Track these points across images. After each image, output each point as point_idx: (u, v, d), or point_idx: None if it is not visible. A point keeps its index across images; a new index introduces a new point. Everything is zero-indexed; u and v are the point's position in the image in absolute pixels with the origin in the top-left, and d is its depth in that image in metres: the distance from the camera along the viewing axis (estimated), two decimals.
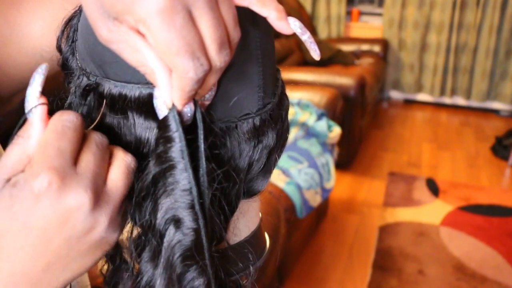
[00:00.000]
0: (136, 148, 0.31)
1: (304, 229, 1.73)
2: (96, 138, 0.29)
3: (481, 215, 2.12)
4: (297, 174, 1.55)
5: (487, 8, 3.38)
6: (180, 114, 0.27)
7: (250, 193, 0.36)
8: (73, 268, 0.28)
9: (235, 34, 0.27)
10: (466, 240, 1.94)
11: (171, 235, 0.27)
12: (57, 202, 0.26)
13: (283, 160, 1.60)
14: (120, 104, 0.31)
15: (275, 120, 0.35)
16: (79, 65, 0.34)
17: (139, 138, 0.31)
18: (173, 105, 0.27)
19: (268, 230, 1.26)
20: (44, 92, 0.30)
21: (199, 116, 0.28)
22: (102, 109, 0.31)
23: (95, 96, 0.32)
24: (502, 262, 1.80)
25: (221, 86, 0.31)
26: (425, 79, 3.75)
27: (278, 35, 3.10)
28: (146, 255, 0.30)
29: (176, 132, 0.27)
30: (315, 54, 0.31)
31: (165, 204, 0.27)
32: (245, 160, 0.33)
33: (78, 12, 0.35)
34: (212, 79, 0.27)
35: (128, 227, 0.35)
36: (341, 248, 1.90)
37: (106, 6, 0.24)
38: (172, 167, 0.27)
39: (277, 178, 1.50)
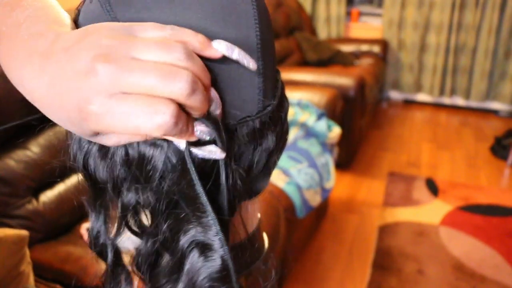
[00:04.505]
0: (139, 164, 0.31)
1: (304, 229, 1.73)
2: None
3: (480, 215, 2.12)
4: (297, 174, 1.55)
5: (486, 9, 3.39)
6: (195, 143, 0.28)
7: (249, 195, 0.37)
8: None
9: (176, 53, 0.26)
10: (466, 239, 1.94)
11: (196, 259, 0.28)
12: None
13: (283, 160, 1.60)
14: None
15: (275, 122, 0.35)
16: None
17: (142, 154, 0.30)
18: (186, 144, 0.28)
19: (268, 230, 1.27)
20: None
21: (217, 136, 0.29)
22: None
23: None
24: (501, 261, 1.81)
25: (220, 91, 0.31)
26: (424, 79, 3.75)
27: (278, 35, 3.07)
28: (163, 269, 0.30)
29: (192, 174, 0.28)
30: (250, 65, 0.31)
31: (189, 229, 0.29)
32: (245, 163, 0.33)
33: (77, 13, 0.35)
34: (197, 99, 0.27)
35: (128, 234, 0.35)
36: (341, 248, 1.91)
37: (84, 130, 0.27)
38: (193, 198, 0.28)
39: (277, 178, 1.50)
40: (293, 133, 1.78)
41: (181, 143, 0.28)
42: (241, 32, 0.30)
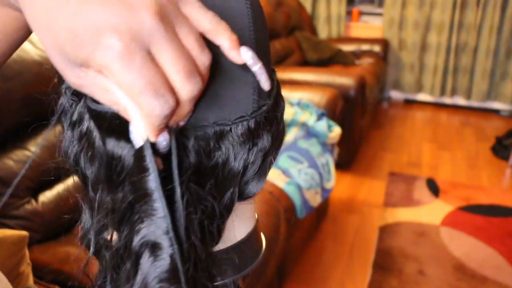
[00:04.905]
0: (108, 164, 0.31)
1: (304, 229, 1.73)
2: None
3: (481, 215, 2.12)
4: (297, 174, 1.55)
5: (487, 8, 3.38)
6: (154, 145, 0.28)
7: (245, 196, 0.36)
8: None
9: (204, 57, 0.27)
10: (466, 240, 1.94)
11: (146, 259, 0.28)
12: None
13: (283, 160, 1.60)
14: (93, 120, 0.31)
15: (270, 122, 0.34)
16: None
17: (111, 154, 0.30)
18: (147, 137, 0.27)
19: (268, 230, 1.26)
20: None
21: (173, 145, 0.28)
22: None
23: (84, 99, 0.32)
24: (502, 262, 1.80)
25: (215, 89, 0.31)
26: (425, 79, 3.75)
27: (278, 34, 3.07)
28: (122, 275, 0.30)
29: (149, 163, 0.27)
30: (265, 84, 0.31)
31: (141, 229, 0.28)
32: (240, 163, 0.33)
33: None
34: (186, 109, 0.27)
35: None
36: (341, 248, 1.90)
37: (70, 56, 0.25)
38: (146, 195, 0.27)
39: (277, 178, 1.50)
40: (293, 133, 1.77)
41: (138, 137, 0.28)
42: (235, 31, 0.29)
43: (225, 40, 0.28)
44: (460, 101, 3.72)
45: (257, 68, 0.30)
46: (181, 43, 0.26)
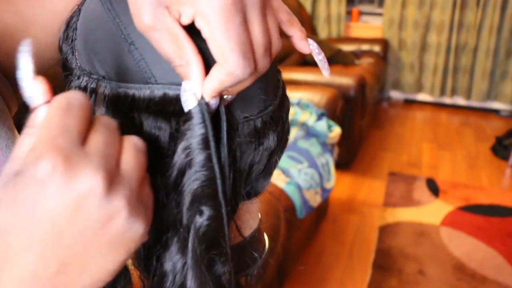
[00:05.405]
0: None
1: (304, 229, 1.73)
2: (104, 120, 0.26)
3: (481, 215, 2.12)
4: (297, 174, 1.55)
5: (487, 8, 3.38)
6: (207, 104, 0.28)
7: (250, 195, 0.36)
8: (92, 271, 0.24)
9: (278, 43, 0.29)
10: (466, 240, 1.94)
11: (197, 225, 0.28)
12: (65, 187, 0.22)
13: (283, 160, 1.60)
14: (127, 105, 0.30)
15: (276, 122, 0.34)
16: (79, 64, 0.33)
17: (146, 138, 0.30)
18: (202, 97, 0.28)
19: (268, 230, 1.26)
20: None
21: (222, 109, 0.29)
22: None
23: (97, 96, 0.32)
24: (502, 262, 1.80)
25: None
26: (425, 79, 3.75)
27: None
28: (174, 248, 0.30)
29: (204, 122, 0.28)
30: (326, 72, 0.34)
31: (190, 195, 0.28)
32: (246, 162, 0.33)
33: (77, 11, 0.35)
34: (248, 82, 0.28)
35: None
36: (341, 248, 1.90)
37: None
38: (198, 157, 0.28)
39: (277, 178, 1.50)
40: (293, 133, 1.77)
41: (191, 96, 0.28)
42: None
43: (297, 31, 0.31)
44: (460, 101, 3.72)
45: (321, 57, 0.33)
46: (267, 23, 0.28)
